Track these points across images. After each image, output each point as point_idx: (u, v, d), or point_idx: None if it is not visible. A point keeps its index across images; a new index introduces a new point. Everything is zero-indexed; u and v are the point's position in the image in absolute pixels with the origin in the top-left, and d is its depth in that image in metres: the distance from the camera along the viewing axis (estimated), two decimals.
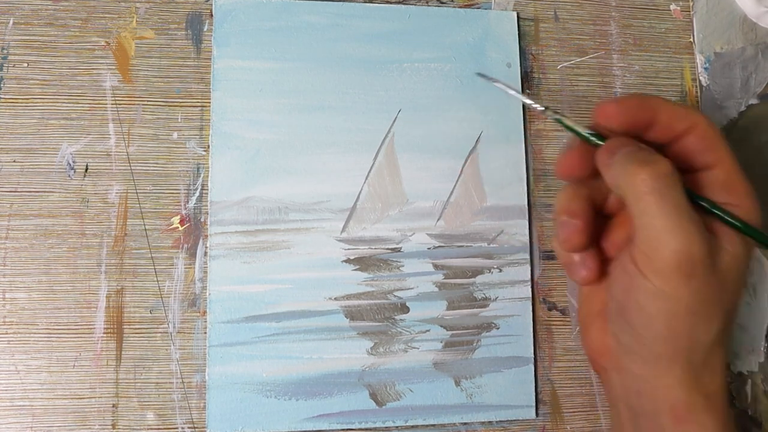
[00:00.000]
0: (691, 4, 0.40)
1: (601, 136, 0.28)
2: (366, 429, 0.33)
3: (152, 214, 0.33)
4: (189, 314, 0.33)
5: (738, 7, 0.39)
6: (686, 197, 0.26)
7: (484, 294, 0.35)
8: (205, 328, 0.32)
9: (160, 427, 0.32)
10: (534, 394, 0.34)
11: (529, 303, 0.35)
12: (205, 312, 0.33)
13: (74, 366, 0.32)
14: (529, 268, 0.35)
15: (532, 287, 0.35)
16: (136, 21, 0.35)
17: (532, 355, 0.34)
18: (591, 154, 0.28)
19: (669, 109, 0.27)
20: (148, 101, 0.34)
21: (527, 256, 0.35)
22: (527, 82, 0.37)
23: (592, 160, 0.28)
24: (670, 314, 0.26)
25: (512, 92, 0.31)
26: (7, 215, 0.32)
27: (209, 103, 0.34)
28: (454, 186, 0.35)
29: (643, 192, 0.25)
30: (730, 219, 0.26)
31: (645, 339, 0.27)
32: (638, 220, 0.26)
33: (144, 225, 0.33)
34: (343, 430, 0.33)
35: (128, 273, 0.33)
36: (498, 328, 0.34)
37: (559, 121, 0.29)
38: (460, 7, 0.37)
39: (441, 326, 0.34)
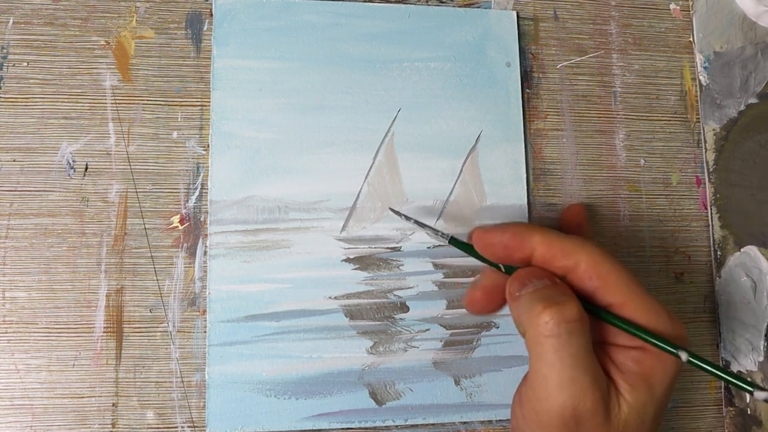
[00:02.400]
0: (690, 3, 0.40)
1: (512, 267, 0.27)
2: (366, 428, 0.33)
3: (152, 214, 0.33)
4: (189, 313, 0.33)
5: (738, 7, 0.39)
6: (589, 345, 0.24)
7: None
8: (205, 327, 0.32)
9: (160, 426, 0.32)
10: None
11: None
12: (204, 311, 0.33)
13: (74, 365, 0.32)
14: None
15: None
16: (136, 20, 0.35)
17: None
18: (503, 284, 0.27)
19: (546, 246, 0.26)
20: (148, 101, 0.34)
21: None
22: (527, 82, 0.37)
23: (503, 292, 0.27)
24: None
25: (416, 225, 0.30)
26: (7, 215, 0.32)
27: (209, 102, 0.34)
28: (454, 185, 0.35)
29: (542, 336, 0.24)
30: (636, 332, 0.25)
31: None
32: (533, 364, 0.25)
33: (144, 224, 0.33)
34: (342, 429, 0.33)
35: (128, 272, 0.33)
36: (498, 327, 0.34)
37: (467, 250, 0.28)
38: (460, 7, 0.37)
39: (441, 325, 0.34)
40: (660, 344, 0.25)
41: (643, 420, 0.25)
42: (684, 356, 0.25)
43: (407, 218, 0.31)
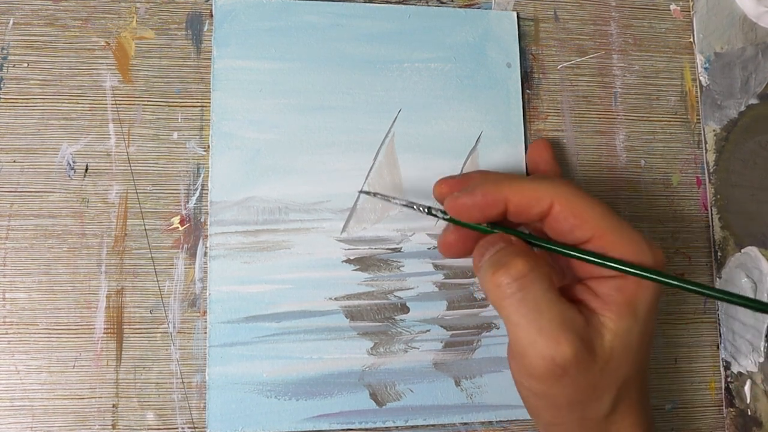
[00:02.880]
0: (691, 4, 0.40)
1: (492, 226, 0.28)
2: (366, 429, 0.33)
3: (152, 214, 0.33)
4: (189, 314, 0.33)
5: (738, 7, 0.39)
6: (549, 293, 0.25)
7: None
8: (206, 328, 0.32)
9: (160, 427, 0.32)
10: None
11: None
12: (205, 312, 0.33)
13: (74, 366, 0.32)
14: None
15: None
16: (136, 21, 0.35)
17: None
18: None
19: (518, 196, 0.26)
20: (148, 101, 0.34)
21: None
22: (527, 82, 0.37)
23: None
24: (550, 406, 0.26)
25: (395, 201, 0.30)
26: (7, 215, 0.32)
27: (209, 103, 0.34)
28: None
29: (500, 299, 0.25)
30: (598, 260, 0.26)
31: (536, 420, 0.28)
32: (506, 326, 0.26)
33: (144, 225, 0.33)
34: (343, 430, 0.33)
35: (128, 273, 0.33)
36: (498, 328, 0.34)
37: (450, 220, 0.28)
38: (460, 7, 0.37)
39: (441, 326, 0.34)
40: (633, 271, 0.25)
41: (629, 345, 0.26)
42: (653, 276, 0.25)
43: (379, 196, 0.31)
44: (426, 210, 0.29)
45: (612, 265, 0.26)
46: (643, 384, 0.28)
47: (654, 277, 0.25)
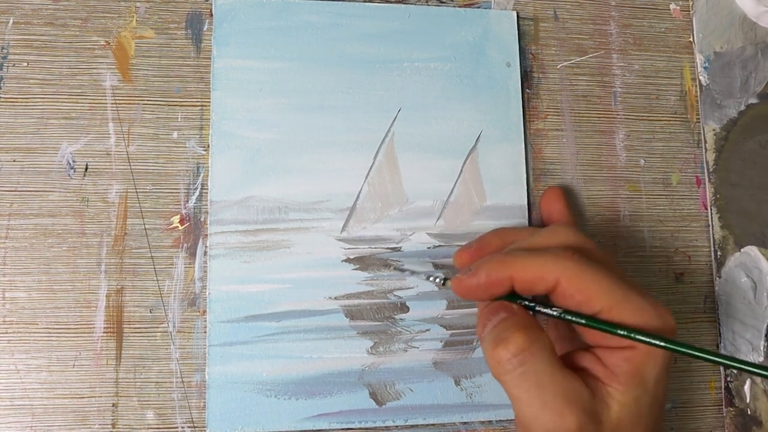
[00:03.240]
0: (690, 3, 0.40)
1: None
2: (366, 428, 0.33)
3: (152, 214, 0.33)
4: (189, 314, 0.33)
5: (738, 7, 0.39)
6: (551, 365, 0.25)
7: None
8: (205, 327, 0.32)
9: (160, 426, 0.32)
10: None
11: None
12: (204, 311, 0.33)
13: (74, 365, 0.32)
14: None
15: None
16: (136, 20, 0.35)
17: None
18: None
19: (522, 274, 0.26)
20: (148, 101, 0.34)
21: None
22: (527, 82, 0.37)
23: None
24: None
25: (408, 273, 0.33)
26: (7, 215, 0.32)
27: (209, 102, 0.34)
28: (454, 185, 0.35)
29: (502, 373, 0.25)
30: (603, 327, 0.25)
31: None
32: (510, 399, 0.26)
33: (144, 224, 0.33)
34: (343, 429, 0.33)
35: (128, 272, 0.33)
36: None
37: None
38: (460, 7, 0.37)
39: (441, 326, 0.34)
40: (638, 338, 0.25)
41: (638, 414, 0.25)
42: (660, 343, 0.25)
43: (404, 270, 0.33)
44: (442, 281, 0.30)
45: (619, 332, 0.25)
46: None
47: (660, 343, 0.25)
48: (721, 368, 0.37)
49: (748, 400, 0.36)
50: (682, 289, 0.37)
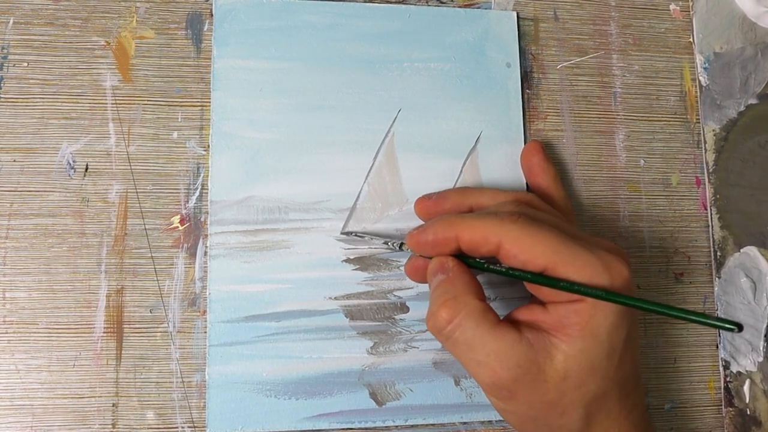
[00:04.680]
0: (690, 4, 0.40)
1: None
2: (366, 428, 0.33)
3: (152, 214, 0.33)
4: (189, 314, 0.33)
5: (737, 7, 0.39)
6: (482, 326, 0.27)
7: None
8: (205, 327, 0.32)
9: (160, 426, 0.32)
10: None
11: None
12: (205, 311, 0.33)
13: (74, 365, 0.32)
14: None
15: None
16: (136, 21, 0.35)
17: None
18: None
19: (467, 236, 0.28)
20: (148, 101, 0.34)
21: None
22: (527, 82, 0.37)
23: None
24: (517, 421, 0.28)
25: (370, 240, 0.34)
26: (7, 215, 0.32)
27: (209, 102, 0.34)
28: (454, 185, 0.35)
29: (439, 340, 0.28)
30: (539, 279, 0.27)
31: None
32: None
33: (144, 224, 0.33)
34: (343, 429, 0.33)
35: (128, 272, 0.33)
36: None
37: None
38: (460, 7, 0.37)
39: None
40: (578, 289, 0.26)
41: (590, 366, 0.26)
42: (600, 293, 0.26)
43: (355, 234, 0.34)
44: (398, 245, 0.32)
45: (560, 285, 0.26)
46: (628, 398, 0.28)
47: (601, 294, 0.26)
48: (721, 368, 0.37)
49: (747, 400, 0.36)
50: (681, 290, 0.37)
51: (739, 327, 0.25)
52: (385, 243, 0.33)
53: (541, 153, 0.35)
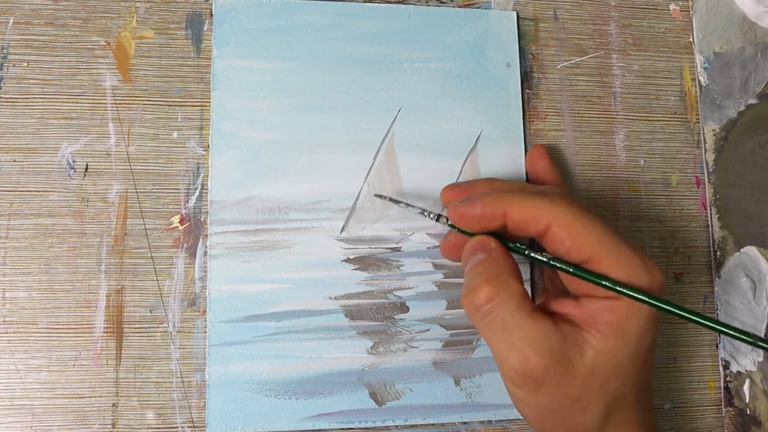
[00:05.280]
0: (690, 3, 0.40)
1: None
2: (366, 428, 0.33)
3: (152, 214, 0.33)
4: (189, 313, 0.33)
5: (737, 7, 0.39)
6: (520, 311, 0.26)
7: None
8: (205, 327, 0.32)
9: (160, 426, 0.32)
10: None
11: None
12: (204, 311, 0.33)
13: (74, 365, 0.32)
14: (528, 268, 0.35)
15: (532, 286, 0.35)
16: (136, 21, 0.35)
17: None
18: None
19: (517, 213, 0.27)
20: (148, 101, 0.34)
21: None
22: (527, 82, 0.37)
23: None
24: (535, 414, 0.27)
25: (409, 207, 0.32)
26: (7, 215, 0.32)
27: (209, 102, 0.34)
28: None
29: (472, 319, 0.27)
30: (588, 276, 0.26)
31: (530, 425, 0.29)
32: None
33: (144, 224, 0.33)
34: (342, 429, 0.33)
35: (128, 272, 0.33)
36: None
37: (453, 227, 0.30)
38: (460, 7, 0.37)
39: (441, 326, 0.34)
40: (622, 290, 0.26)
41: (617, 365, 0.26)
42: (644, 297, 0.26)
43: (392, 199, 0.33)
44: (435, 217, 0.31)
45: (604, 284, 0.26)
46: (642, 401, 0.28)
47: (643, 298, 0.25)
48: (721, 368, 0.37)
49: (747, 400, 0.36)
50: (681, 290, 0.37)
51: None
52: (422, 212, 0.31)
53: (546, 158, 0.34)
